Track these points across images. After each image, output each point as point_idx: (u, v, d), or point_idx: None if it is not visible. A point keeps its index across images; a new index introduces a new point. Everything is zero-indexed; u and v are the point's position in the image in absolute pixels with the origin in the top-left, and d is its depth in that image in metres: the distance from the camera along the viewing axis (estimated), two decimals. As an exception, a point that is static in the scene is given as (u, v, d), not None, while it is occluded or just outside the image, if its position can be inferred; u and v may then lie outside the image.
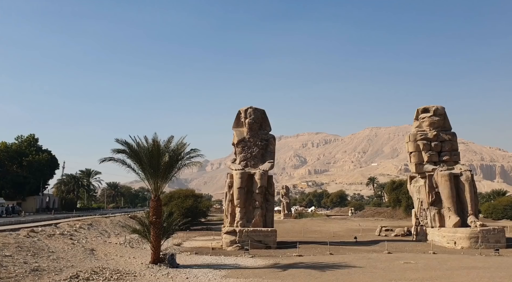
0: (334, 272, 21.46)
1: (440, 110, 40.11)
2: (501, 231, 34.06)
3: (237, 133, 39.38)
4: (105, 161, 24.55)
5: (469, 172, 37.15)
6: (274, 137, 40.05)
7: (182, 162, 25.06)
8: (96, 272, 19.32)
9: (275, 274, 20.87)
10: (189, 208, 55.18)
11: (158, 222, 23.91)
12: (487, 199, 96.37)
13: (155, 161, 23.78)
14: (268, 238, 34.04)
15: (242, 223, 34.59)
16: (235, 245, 33.25)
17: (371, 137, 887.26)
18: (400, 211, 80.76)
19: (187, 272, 21.27)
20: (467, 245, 32.96)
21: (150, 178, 24.37)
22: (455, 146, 39.98)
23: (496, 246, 31.66)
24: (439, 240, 35.86)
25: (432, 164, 38.71)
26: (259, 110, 39.57)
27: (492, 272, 21.01)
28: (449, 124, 40.61)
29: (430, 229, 37.80)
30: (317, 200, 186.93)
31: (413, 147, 39.95)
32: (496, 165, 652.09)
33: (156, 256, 23.58)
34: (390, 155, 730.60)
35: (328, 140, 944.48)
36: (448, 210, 36.21)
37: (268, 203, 37.09)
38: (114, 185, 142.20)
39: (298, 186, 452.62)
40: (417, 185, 40.07)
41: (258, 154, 38.43)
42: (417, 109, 41.43)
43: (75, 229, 37.39)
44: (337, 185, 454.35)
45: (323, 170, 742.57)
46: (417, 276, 19.91)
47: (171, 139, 24.89)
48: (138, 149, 24.09)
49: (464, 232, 33.68)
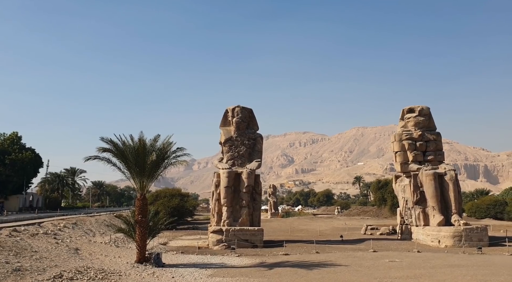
0: (320, 270, 21.57)
1: (425, 110, 40.61)
2: (484, 229, 34.64)
3: (224, 132, 39.30)
4: (90, 160, 24.28)
5: (453, 171, 37.68)
6: (262, 136, 40.07)
7: (168, 161, 24.97)
8: (80, 272, 19.09)
9: (262, 273, 20.89)
10: (176, 207, 54.99)
11: (143, 221, 23.77)
12: (470, 198, 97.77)
13: (141, 160, 23.63)
14: (254, 237, 34.07)
15: (228, 222, 34.56)
16: (222, 244, 33.20)
17: (357, 136, 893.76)
18: (385, 210, 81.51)
19: (173, 271, 21.17)
20: (451, 244, 33.45)
21: (136, 177, 24.23)
22: (440, 146, 40.53)
23: (479, 244, 32.22)
24: (423, 238, 36.32)
25: (417, 164, 39.17)
26: (246, 109, 39.54)
27: (475, 270, 21.34)
28: (434, 124, 41.14)
29: (414, 227, 38.27)
30: (304, 199, 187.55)
31: (399, 147, 40.37)
32: (479, 165, 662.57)
33: (141, 256, 23.43)
34: (376, 155, 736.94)
35: (315, 140, 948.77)
36: (432, 209, 36.70)
37: (255, 202, 37.12)
38: (99, 184, 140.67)
39: (285, 185, 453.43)
40: (402, 184, 40.52)
41: (245, 153, 38.42)
42: (403, 109, 41.88)
43: (59, 228, 36.89)
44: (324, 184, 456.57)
45: (310, 169, 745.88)
46: (402, 274, 20.12)
47: (157, 138, 24.77)
48: (123, 148, 23.92)
49: (448, 231, 34.16)
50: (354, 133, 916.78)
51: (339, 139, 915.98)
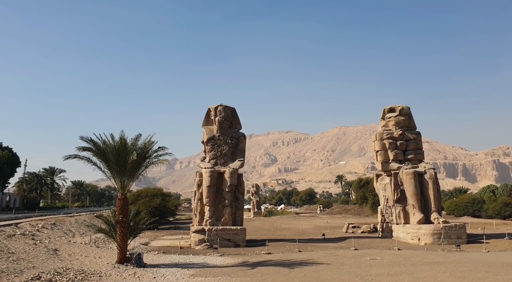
0: (302, 269, 21.66)
1: (406, 110, 41.17)
2: (462, 227, 35.34)
3: (206, 131, 39.09)
4: (70, 159, 23.91)
5: (433, 170, 38.30)
6: (245, 135, 39.97)
7: (149, 160, 24.74)
8: (59, 273, 18.72)
9: (244, 272, 20.86)
10: (157, 207, 54.53)
11: (124, 221, 23.49)
12: (449, 196, 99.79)
13: (121, 159, 23.34)
14: (237, 237, 34.00)
15: (211, 222, 34.41)
16: (204, 244, 33.04)
17: (339, 136, 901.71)
18: (366, 209, 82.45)
19: (154, 271, 20.96)
20: (430, 241, 34.00)
21: (116, 177, 23.93)
22: (420, 145, 41.16)
23: (457, 242, 32.84)
24: (403, 236, 36.84)
25: (397, 163, 39.68)
26: (229, 108, 39.40)
27: (453, 267, 21.75)
28: (414, 123, 41.75)
29: (395, 225, 38.79)
30: (287, 198, 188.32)
31: (380, 146, 40.84)
32: (458, 163, 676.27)
33: (122, 256, 23.15)
34: (357, 154, 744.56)
35: (298, 139, 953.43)
36: (412, 207, 37.24)
37: (237, 201, 37.03)
38: (79, 183, 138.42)
39: (268, 184, 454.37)
40: (383, 183, 41.01)
41: (228, 152, 38.29)
42: (384, 108, 42.38)
43: (37, 229, 36.13)
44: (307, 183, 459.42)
45: (293, 168, 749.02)
46: (382, 272, 20.36)
47: (138, 137, 24.49)
48: (104, 147, 23.61)
49: (428, 228, 34.73)
50: (336, 132, 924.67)
51: (322, 138, 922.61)
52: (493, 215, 66.86)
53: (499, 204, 68.20)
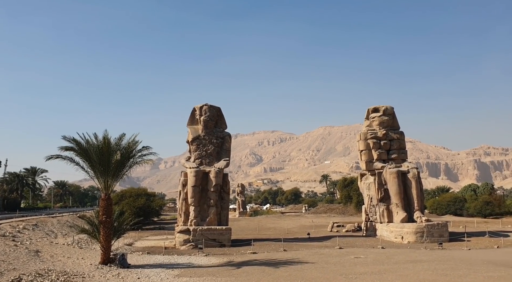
0: (287, 268, 21.73)
1: (389, 110, 41.65)
2: (444, 225, 35.90)
3: (191, 130, 38.90)
4: (52, 159, 23.56)
5: (416, 169, 38.82)
6: (230, 135, 39.91)
7: (133, 160, 24.53)
8: (41, 275, 18.41)
9: (229, 272, 20.83)
10: (141, 207, 54.13)
11: (108, 222, 23.25)
12: (432, 195, 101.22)
13: (105, 158, 23.09)
14: (222, 237, 33.93)
15: (196, 222, 34.27)
16: (189, 244, 32.89)
17: (324, 135, 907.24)
18: (351, 208, 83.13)
19: (138, 272, 20.78)
20: (413, 240, 34.46)
21: (100, 177, 23.68)
22: (403, 145, 41.68)
23: (439, 240, 33.36)
24: (387, 235, 37.26)
25: (381, 162, 40.12)
26: (214, 107, 39.29)
27: (435, 264, 22.10)
28: (398, 123, 42.26)
29: (379, 224, 39.19)
30: (272, 197, 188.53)
31: (364, 146, 41.23)
32: (440, 163, 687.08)
33: (106, 257, 22.90)
34: (342, 153, 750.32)
35: (284, 139, 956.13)
36: (396, 206, 37.69)
37: (223, 201, 36.96)
38: (62, 183, 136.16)
39: (254, 184, 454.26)
40: (367, 182, 41.40)
41: (214, 152, 38.18)
42: (368, 108, 42.79)
43: (18, 230, 35.47)
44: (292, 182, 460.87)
45: (278, 168, 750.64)
46: (366, 270, 20.56)
47: (122, 137, 24.29)
48: (87, 147, 23.35)
49: (411, 227, 35.19)
50: (322, 132, 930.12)
51: (307, 138, 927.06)
52: (474, 214, 68.10)
53: (480, 203, 69.50)
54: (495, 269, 20.34)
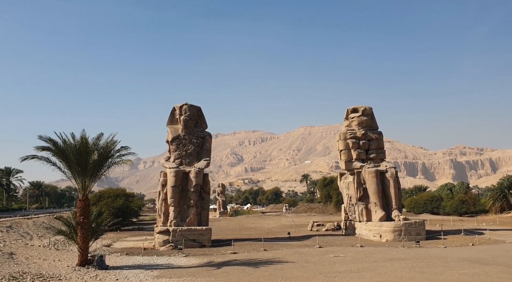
0: (267, 268, 21.79)
1: (368, 110, 42.21)
2: (421, 224, 36.59)
3: (171, 130, 38.59)
4: (28, 159, 23.12)
5: (394, 169, 39.44)
6: (210, 135, 39.74)
7: (112, 160, 24.26)
8: (15, 278, 17.98)
9: (209, 272, 20.77)
10: (120, 207, 53.47)
11: (86, 223, 22.92)
12: (410, 194, 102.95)
13: (82, 159, 22.76)
14: (202, 237, 33.78)
15: (175, 222, 34.01)
16: (169, 244, 32.62)
17: (305, 135, 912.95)
18: (331, 207, 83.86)
19: (117, 273, 20.51)
20: (391, 238, 35.00)
21: (77, 177, 23.35)
22: (381, 145, 42.30)
23: (417, 238, 34.00)
24: (366, 233, 37.74)
25: (360, 162, 40.61)
26: (194, 107, 39.06)
27: (413, 262, 22.51)
28: (376, 123, 42.86)
29: (358, 223, 39.67)
30: (253, 197, 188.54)
31: (343, 145, 41.68)
32: (418, 162, 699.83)
33: (83, 258, 22.57)
34: (322, 153, 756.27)
35: (265, 138, 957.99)
36: (374, 205, 38.21)
37: (203, 201, 36.78)
38: (38, 184, 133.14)
39: (235, 184, 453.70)
40: (347, 182, 41.86)
41: (194, 151, 37.96)
42: (347, 109, 43.28)
43: (-8, 232, 34.54)
44: (273, 182, 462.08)
45: (259, 167, 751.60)
46: (346, 269, 20.79)
47: (100, 136, 23.98)
48: (64, 147, 23.01)
49: (389, 225, 35.73)
50: (302, 132, 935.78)
51: (288, 137, 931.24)
52: (451, 212, 69.67)
53: (456, 202, 71.14)
54: (470, 266, 20.85)
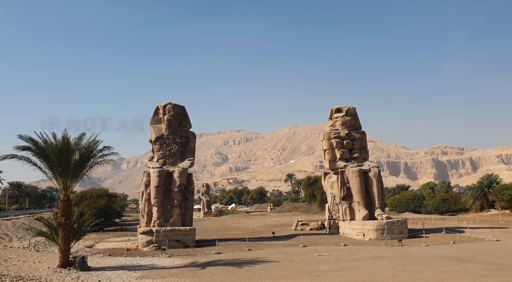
0: (251, 267, 21.77)
1: (352, 110, 42.58)
2: (404, 223, 37.06)
3: (155, 129, 38.26)
4: (7, 159, 22.62)
5: (377, 168, 39.86)
6: (195, 134, 39.55)
7: (94, 160, 23.96)
8: (-7, 281, 17.58)
9: (193, 273, 20.65)
10: (102, 208, 52.96)
11: (67, 223, 22.57)
12: (392, 193, 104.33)
13: (64, 159, 22.41)
14: (186, 237, 33.59)
15: (159, 223, 33.75)
16: (152, 245, 32.35)
17: (289, 135, 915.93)
18: (315, 206, 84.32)
19: (99, 274, 20.23)
20: (374, 237, 35.37)
21: (58, 177, 22.98)
22: (365, 144, 42.72)
23: (399, 236, 34.43)
24: (349, 232, 38.06)
25: (344, 161, 40.93)
26: (178, 106, 38.81)
27: (395, 261, 22.77)
28: (359, 123, 43.26)
29: (341, 222, 39.98)
30: (238, 197, 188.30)
31: (327, 145, 41.95)
32: (400, 162, 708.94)
33: (65, 260, 22.19)
34: (307, 153, 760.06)
35: (249, 138, 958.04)
36: (358, 204, 38.56)
37: (187, 201, 36.58)
38: (17, 184, 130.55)
39: (219, 184, 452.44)
40: (331, 181, 42.14)
41: (178, 151, 37.71)
42: (331, 109, 43.58)
43: (-30, 234, 33.74)
44: (257, 182, 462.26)
45: (244, 167, 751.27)
46: (329, 268, 20.91)
47: (82, 136, 23.68)
48: (45, 146, 22.64)
49: (372, 224, 36.10)
50: (287, 131, 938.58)
51: (272, 137, 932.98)
52: (432, 211, 70.80)
53: (437, 200, 72.35)
54: (450, 264, 21.20)
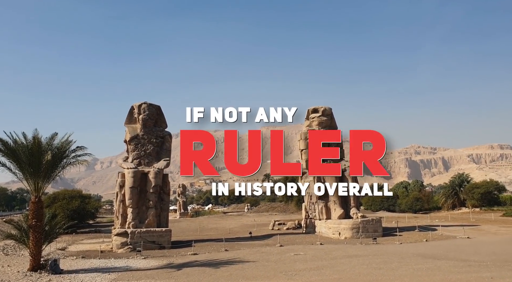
0: (228, 268, 21.71)
1: (328, 110, 43.08)
2: (378, 221, 37.71)
3: (129, 129, 37.69)
4: (-27, 160, 21.82)
5: (351, 168, 40.31)
6: (171, 135, 39.16)
7: (67, 160, 23.40)
8: (-41, 286, 16.96)
9: (169, 274, 20.43)
10: (76, 209, 51.88)
11: (38, 226, 21.95)
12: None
13: (35, 159, 21.82)
14: (162, 238, 33.23)
15: (134, 224, 33.28)
16: (127, 246, 31.86)
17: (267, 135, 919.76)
18: (292, 206, 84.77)
19: (72, 277, 19.78)
20: (349, 235, 35.84)
21: (29, 178, 22.35)
22: (341, 144, 43.13)
23: (374, 235, 35.00)
24: (325, 231, 38.45)
25: (320, 161, 41.23)
26: (154, 106, 38.35)
27: (370, 259, 23.11)
28: (335, 123, 43.83)
29: (318, 221, 40.35)
30: (215, 197, 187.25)
31: (304, 145, 42.30)
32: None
33: (36, 263, 21.58)
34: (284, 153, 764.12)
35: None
36: (333, 203, 39.02)
37: (163, 202, 36.18)
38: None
39: (196, 184, 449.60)
40: (307, 181, 42.40)
41: (153, 151, 37.27)
42: (308, 109, 44.01)
43: None
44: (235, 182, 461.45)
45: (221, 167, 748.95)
46: (306, 267, 21.06)
47: (54, 136, 23.08)
48: (15, 147, 22.01)
49: (347, 223, 36.58)
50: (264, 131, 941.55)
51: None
52: (406, 209, 72.28)
53: (411, 199, 73.92)
54: (423, 262, 21.67)
